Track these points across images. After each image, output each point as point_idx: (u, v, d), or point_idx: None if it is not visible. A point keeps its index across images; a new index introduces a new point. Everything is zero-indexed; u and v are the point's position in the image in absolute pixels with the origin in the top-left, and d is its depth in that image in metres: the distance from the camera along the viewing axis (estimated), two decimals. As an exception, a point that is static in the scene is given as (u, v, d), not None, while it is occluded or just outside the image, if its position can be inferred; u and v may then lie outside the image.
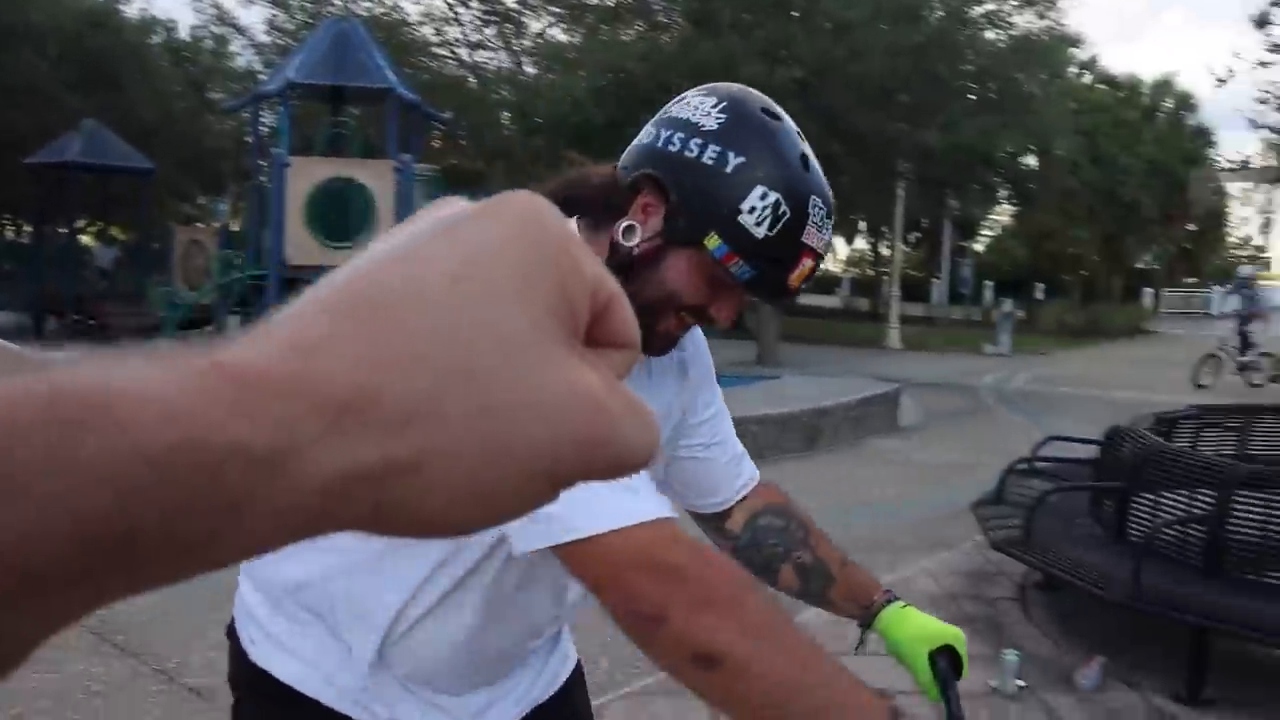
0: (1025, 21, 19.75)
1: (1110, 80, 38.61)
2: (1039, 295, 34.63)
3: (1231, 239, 53.11)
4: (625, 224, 1.28)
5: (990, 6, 19.54)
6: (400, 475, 0.28)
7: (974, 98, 19.29)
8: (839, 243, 58.65)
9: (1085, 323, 29.88)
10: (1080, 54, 32.41)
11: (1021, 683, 4.24)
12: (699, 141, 1.25)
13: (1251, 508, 4.26)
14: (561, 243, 0.31)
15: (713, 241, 1.24)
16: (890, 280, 26.46)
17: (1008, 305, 24.23)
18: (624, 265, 1.26)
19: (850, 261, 63.78)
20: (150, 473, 0.24)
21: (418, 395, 0.28)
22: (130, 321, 17.80)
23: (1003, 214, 45.38)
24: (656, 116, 1.33)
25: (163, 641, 4.70)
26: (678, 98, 1.33)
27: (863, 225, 46.36)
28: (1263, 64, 4.53)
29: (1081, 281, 40.36)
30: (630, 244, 1.27)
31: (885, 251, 38.18)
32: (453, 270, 0.29)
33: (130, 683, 4.34)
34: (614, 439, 0.31)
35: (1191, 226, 46.19)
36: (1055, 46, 20.58)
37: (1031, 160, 26.14)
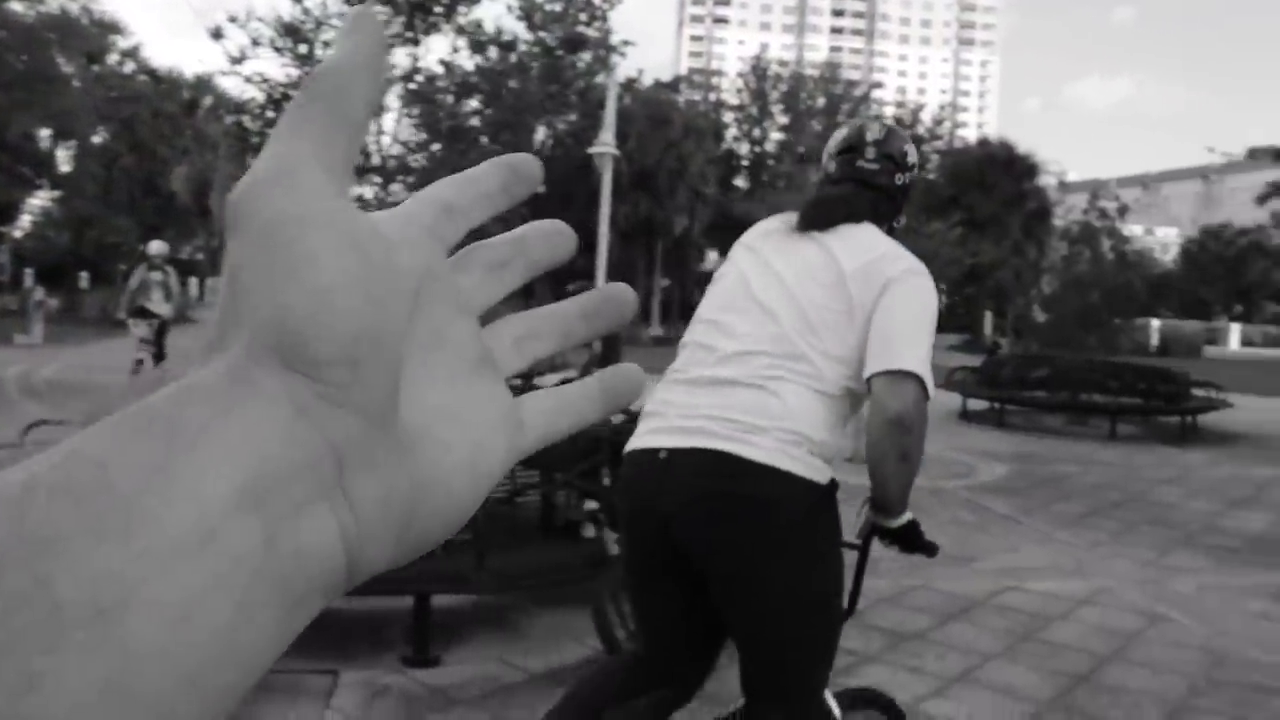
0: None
1: (152, 72, 38.74)
2: (83, 284, 33.47)
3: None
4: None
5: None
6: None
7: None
8: None
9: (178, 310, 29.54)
10: (122, 42, 32.05)
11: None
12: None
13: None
14: None
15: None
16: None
17: (39, 293, 23.11)
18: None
19: None
20: None
21: None
22: None
23: (44, 199, 42.94)
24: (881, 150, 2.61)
25: None
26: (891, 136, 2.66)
27: None
28: (224, 73, 5.14)
29: (124, 271, 39.89)
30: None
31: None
32: None
33: None
34: None
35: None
36: (92, 29, 20.08)
37: (60, 144, 25.15)
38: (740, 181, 39.22)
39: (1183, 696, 4.62)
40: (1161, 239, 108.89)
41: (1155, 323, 45.60)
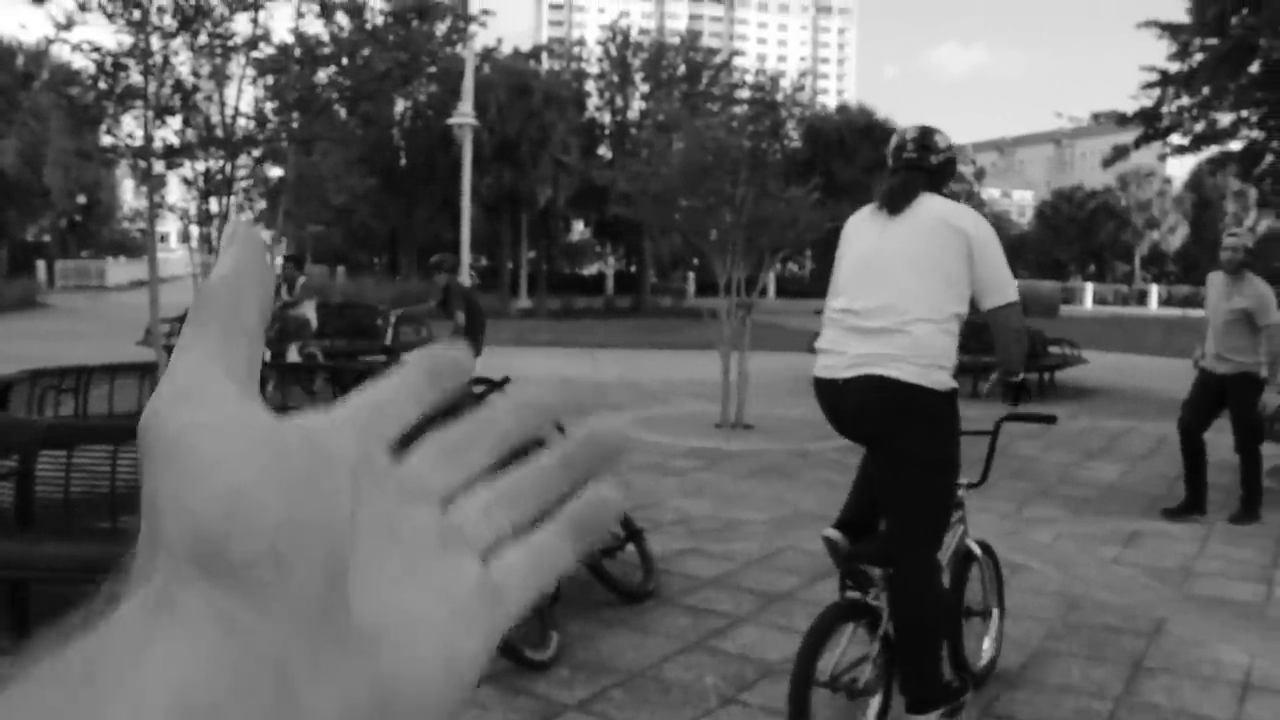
0: None
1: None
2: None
3: (122, 214, 54.60)
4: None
5: None
6: None
7: None
8: None
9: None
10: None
11: None
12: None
13: (54, 462, 4.59)
14: None
15: None
16: None
17: None
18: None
19: None
20: None
21: None
22: None
23: None
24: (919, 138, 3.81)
25: None
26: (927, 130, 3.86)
27: None
28: (51, 41, 4.88)
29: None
30: None
31: None
32: None
33: None
34: None
35: (81, 200, 46.30)
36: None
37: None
38: (604, 151, 39.11)
39: (1041, 640, 4.83)
40: (1018, 202, 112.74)
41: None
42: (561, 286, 41.97)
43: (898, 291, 3.48)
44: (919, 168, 3.73)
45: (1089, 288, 65.07)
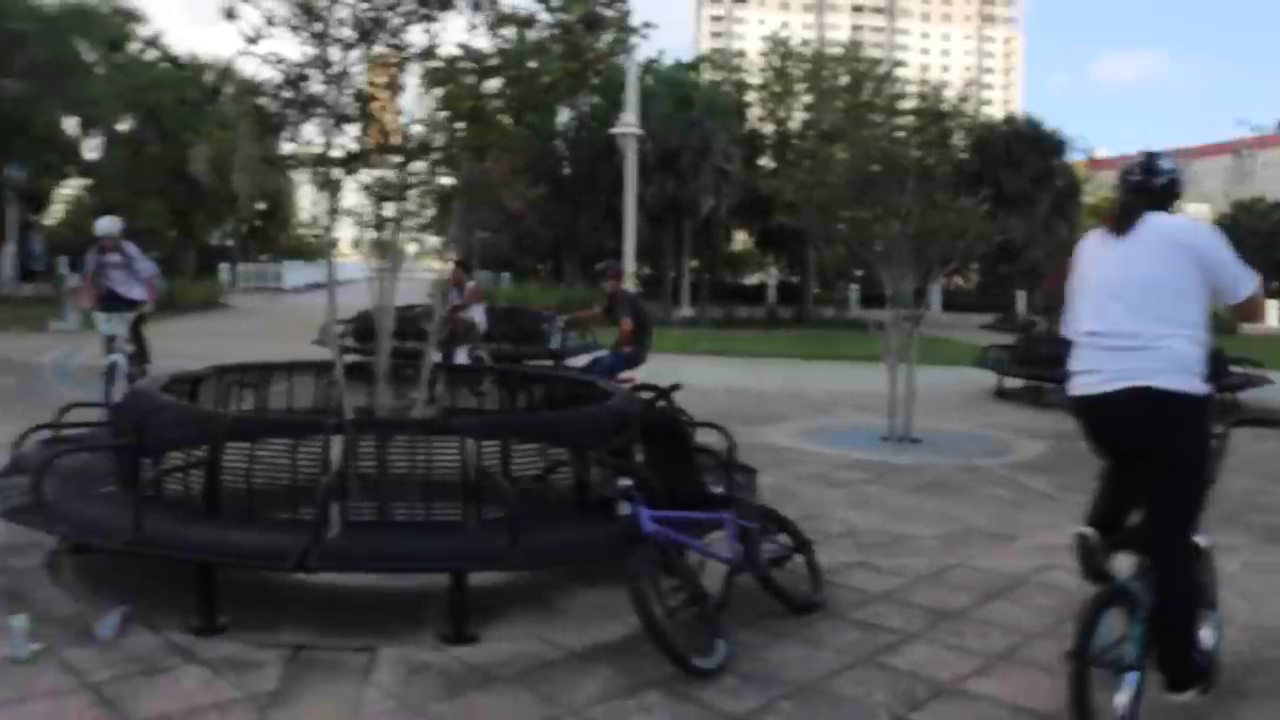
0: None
1: (174, 59, 38.76)
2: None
3: (299, 219, 57.12)
4: None
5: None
6: None
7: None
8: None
9: (162, 296, 29.91)
10: (144, 29, 32.10)
11: (36, 646, 4.27)
12: None
13: (239, 452, 4.79)
14: None
15: None
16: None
17: (73, 280, 23.25)
18: None
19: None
20: None
21: None
22: None
23: (75, 188, 43.20)
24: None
25: None
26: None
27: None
28: (240, 54, 5.16)
29: (159, 257, 40.13)
30: None
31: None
32: None
33: None
34: None
35: (262, 206, 48.60)
36: (113, 18, 20.09)
37: (88, 131, 25.21)
38: (766, 160, 38.85)
39: (1236, 676, 4.51)
40: (1194, 214, 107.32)
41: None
42: (724, 296, 41.82)
43: (1140, 311, 3.81)
44: (1143, 190, 4.04)
45: (1274, 305, 61.48)
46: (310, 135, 6.01)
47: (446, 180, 6.81)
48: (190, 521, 4.68)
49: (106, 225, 11.06)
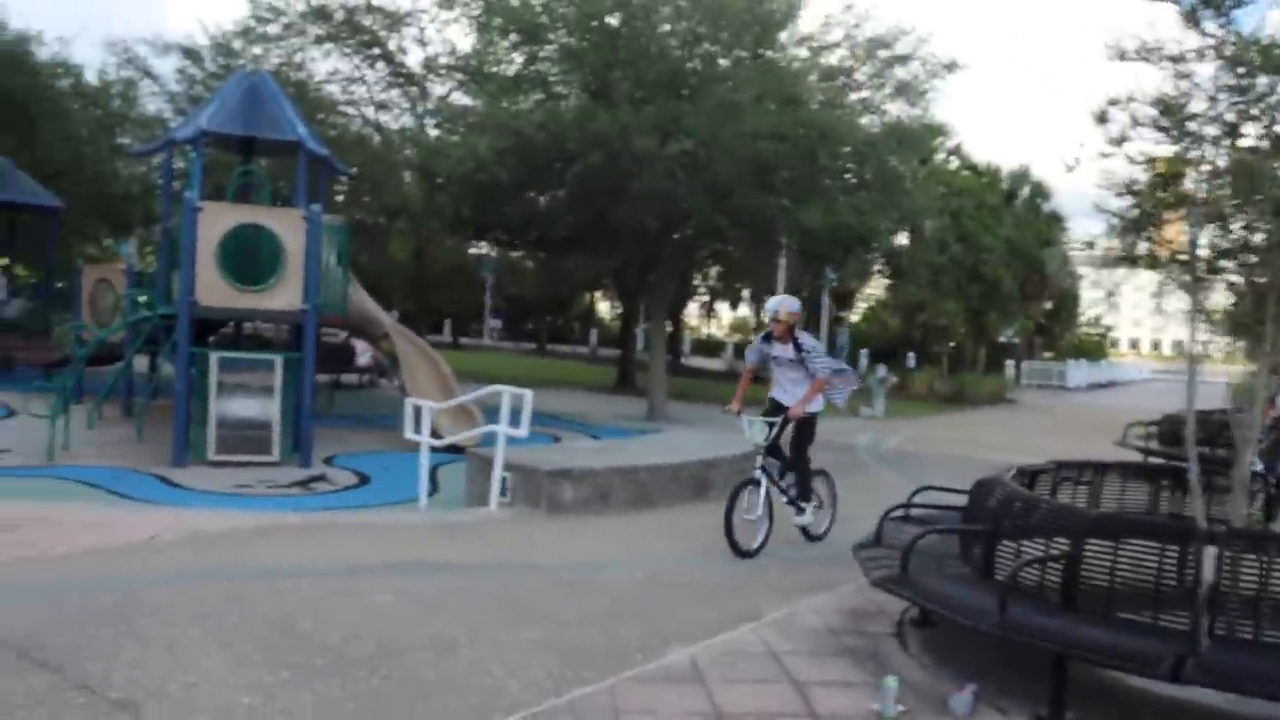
0: (897, 109, 20.89)
1: (973, 167, 40.73)
2: (910, 363, 36.06)
3: (1083, 317, 56.17)
4: None
5: (865, 94, 20.64)
6: None
7: (851, 178, 20.25)
8: (723, 308, 60.44)
9: (953, 390, 31.35)
10: (946, 141, 34.27)
11: (901, 708, 4.65)
12: None
13: (1100, 550, 4.78)
14: None
15: None
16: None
17: (882, 371, 25.31)
18: None
19: (734, 327, 65.45)
20: None
21: None
22: (36, 356, 17.86)
23: (877, 287, 47.39)
24: None
25: (82, 656, 4.78)
26: None
27: (746, 293, 47.91)
28: (1104, 155, 5.22)
29: (949, 352, 42.13)
30: None
31: (765, 319, 39.01)
32: None
33: (50, 695, 4.38)
34: None
35: (1048, 304, 48.75)
36: (924, 133, 21.74)
37: (902, 238, 27.34)
38: None
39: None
40: None
41: None
42: None
43: None
44: None
45: None
46: (1170, 234, 5.92)
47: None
48: (1045, 612, 4.76)
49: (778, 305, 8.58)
